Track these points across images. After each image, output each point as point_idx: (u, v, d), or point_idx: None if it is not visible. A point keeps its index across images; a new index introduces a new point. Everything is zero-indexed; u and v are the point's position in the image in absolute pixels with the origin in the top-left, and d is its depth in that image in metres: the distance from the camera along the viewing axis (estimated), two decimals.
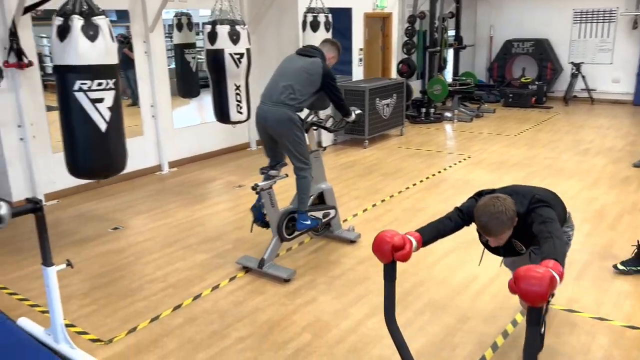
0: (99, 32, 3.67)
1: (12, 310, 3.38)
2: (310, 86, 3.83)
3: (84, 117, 3.80)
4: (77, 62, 3.67)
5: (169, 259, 4.18)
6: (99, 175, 4.20)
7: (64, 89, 3.78)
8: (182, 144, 6.87)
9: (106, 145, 3.95)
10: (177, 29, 7.74)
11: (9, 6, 4.88)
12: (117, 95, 3.93)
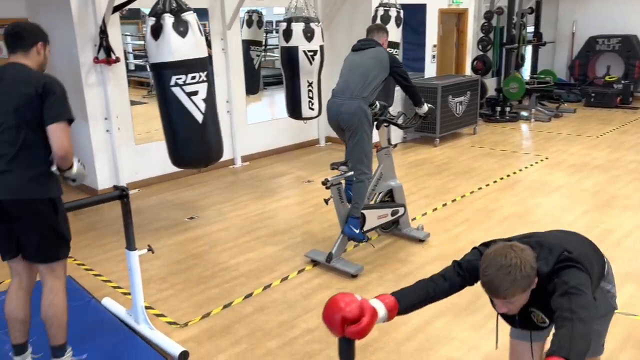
0: (188, 28, 3.85)
1: (97, 290, 3.62)
2: (380, 77, 3.87)
3: (181, 111, 4.00)
4: (171, 58, 3.88)
5: (241, 249, 4.31)
6: (200, 164, 4.42)
7: (162, 86, 4.00)
8: (255, 139, 7.04)
9: (204, 135, 4.16)
10: (247, 25, 7.94)
11: (100, 5, 5.20)
12: (210, 87, 4.11)
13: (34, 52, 2.44)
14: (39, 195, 2.36)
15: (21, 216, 2.36)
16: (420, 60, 8.22)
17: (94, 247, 4.40)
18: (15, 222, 2.37)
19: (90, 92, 5.41)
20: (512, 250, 1.74)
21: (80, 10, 5.18)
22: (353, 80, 3.85)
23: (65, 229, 2.53)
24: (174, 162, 4.35)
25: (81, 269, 3.98)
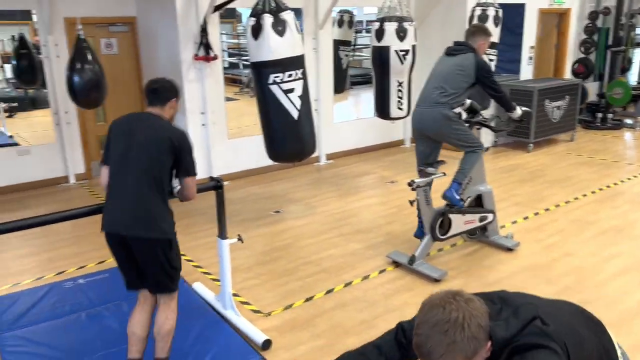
0: (286, 27, 3.97)
1: (188, 275, 3.82)
2: (463, 81, 3.79)
3: (278, 107, 4.15)
4: (269, 57, 4.02)
5: (324, 245, 4.37)
6: (295, 158, 4.57)
7: (260, 83, 4.15)
8: (340, 137, 7.10)
9: (298, 131, 4.29)
10: (338, 26, 8.01)
11: (202, 5, 5.48)
12: (305, 84, 4.22)
13: (168, 107, 2.70)
14: (160, 236, 2.51)
15: (143, 252, 2.52)
16: (515, 62, 7.89)
17: (187, 233, 4.64)
18: (138, 257, 2.55)
19: (189, 87, 5.71)
20: (453, 300, 1.29)
21: (184, 9, 5.48)
22: (432, 88, 3.88)
23: (178, 263, 2.69)
24: (271, 156, 4.50)
25: None
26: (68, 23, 5.77)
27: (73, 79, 5.06)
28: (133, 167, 2.50)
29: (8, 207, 5.41)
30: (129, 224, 2.46)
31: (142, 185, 2.48)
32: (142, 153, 2.51)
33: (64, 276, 3.85)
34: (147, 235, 2.47)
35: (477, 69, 3.77)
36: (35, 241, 4.49)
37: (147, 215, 2.48)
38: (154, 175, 2.50)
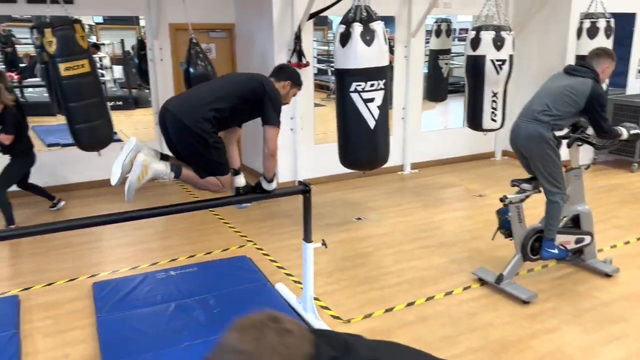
0: (374, 37, 3.98)
1: (271, 275, 3.91)
2: (570, 106, 3.48)
3: (356, 115, 4.19)
4: (354, 65, 4.06)
5: (406, 255, 4.30)
6: (365, 167, 4.60)
7: (342, 90, 4.21)
8: (426, 146, 6.98)
9: (374, 141, 4.30)
10: (436, 35, 7.90)
11: (297, 13, 5.61)
12: (385, 95, 4.22)
13: (281, 84, 3.04)
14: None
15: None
16: (621, 75, 7.35)
17: (272, 234, 4.76)
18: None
19: None
20: (264, 327, 0.97)
21: (280, 16, 5.64)
22: (538, 103, 3.58)
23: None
24: (343, 161, 4.55)
25: (260, 253, 4.34)
26: (172, 28, 6.13)
27: (190, 76, 5.34)
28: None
29: (109, 198, 5.82)
30: None
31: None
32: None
33: (157, 267, 4.07)
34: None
35: (590, 98, 3.43)
36: (133, 232, 4.80)
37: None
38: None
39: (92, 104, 4.67)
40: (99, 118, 4.76)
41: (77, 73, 4.51)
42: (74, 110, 4.62)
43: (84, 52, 4.56)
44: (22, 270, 4.14)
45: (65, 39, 4.42)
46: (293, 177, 6.08)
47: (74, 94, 4.57)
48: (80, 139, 4.75)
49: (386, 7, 6.11)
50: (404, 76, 6.53)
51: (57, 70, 4.46)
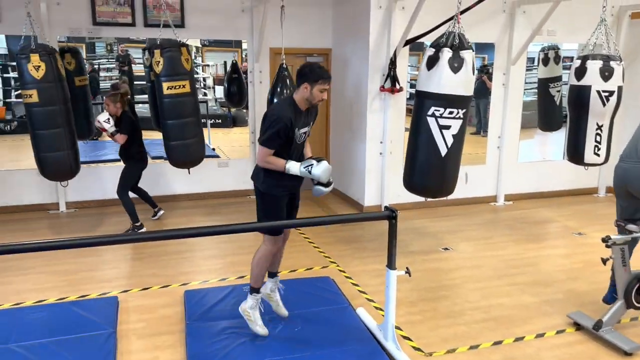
0: (463, 65, 3.90)
1: (353, 298, 3.90)
2: None
3: (429, 140, 4.10)
4: (436, 90, 3.99)
5: (494, 291, 4.12)
6: (429, 194, 4.48)
7: (419, 112, 4.16)
8: (522, 178, 6.68)
9: (442, 169, 4.19)
10: (543, 64, 7.58)
11: (394, 39, 5.65)
12: (463, 125, 4.11)
13: (301, 89, 3.14)
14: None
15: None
16: None
17: (354, 258, 4.76)
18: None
19: (372, 117, 5.90)
20: None
21: (377, 42, 5.71)
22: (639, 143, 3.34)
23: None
24: (406, 184, 4.46)
25: (342, 275, 4.35)
26: (273, 52, 6.40)
27: (273, 101, 5.57)
28: None
29: (204, 211, 6.14)
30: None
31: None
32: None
33: (244, 280, 4.20)
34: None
35: None
36: (223, 245, 5.01)
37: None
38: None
39: (188, 122, 4.97)
40: (193, 137, 5.04)
41: (178, 92, 4.84)
42: (170, 127, 4.94)
43: (187, 73, 4.88)
44: (122, 273, 4.46)
45: (171, 60, 4.78)
46: (379, 201, 6.06)
47: (172, 112, 4.90)
48: (173, 155, 5.06)
49: (486, 33, 6.00)
50: (502, 104, 6.33)
51: (161, 88, 4.82)
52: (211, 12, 6.12)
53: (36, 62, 4.44)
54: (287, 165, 3.10)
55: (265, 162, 3.13)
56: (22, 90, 4.67)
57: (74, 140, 4.88)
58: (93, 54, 12.97)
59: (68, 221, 5.74)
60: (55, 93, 4.64)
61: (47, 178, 4.93)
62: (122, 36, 6.46)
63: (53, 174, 4.87)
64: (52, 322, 3.45)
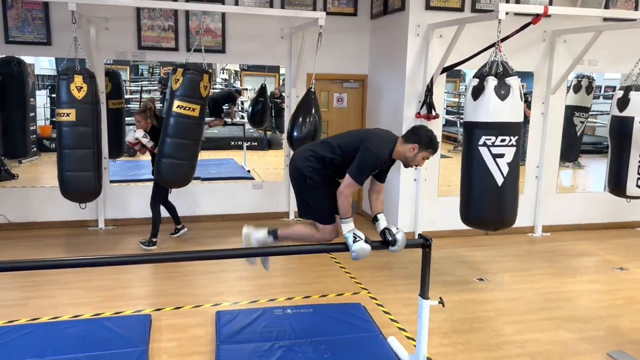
0: (509, 92, 3.88)
1: (384, 327, 3.85)
2: None
3: (483, 170, 4.04)
4: (485, 119, 3.96)
5: (530, 325, 3.99)
6: (489, 226, 4.35)
7: (469, 143, 4.12)
8: (561, 209, 6.51)
9: (500, 199, 4.11)
10: (574, 91, 7.48)
11: (431, 66, 5.66)
12: (517, 152, 4.05)
13: (408, 147, 3.19)
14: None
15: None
16: None
17: (386, 285, 4.70)
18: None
19: None
20: None
21: (414, 69, 5.73)
22: None
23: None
24: (463, 218, 4.36)
25: (373, 303, 4.31)
26: (309, 78, 6.50)
27: (294, 126, 5.60)
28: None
29: (236, 232, 6.18)
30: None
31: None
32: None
33: (275, 303, 4.22)
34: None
35: None
36: (254, 266, 5.02)
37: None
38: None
39: (185, 144, 5.07)
40: (187, 159, 5.13)
41: (187, 114, 4.97)
42: (168, 145, 5.04)
43: (201, 99, 5.02)
44: (156, 291, 4.53)
45: (190, 82, 4.94)
46: (412, 228, 6.00)
47: (174, 130, 5.00)
48: (162, 172, 5.14)
49: (524, 62, 5.95)
50: (540, 133, 6.24)
51: (172, 105, 4.97)
52: (251, 38, 6.29)
53: (79, 83, 4.62)
54: (348, 220, 3.11)
55: (345, 197, 3.13)
56: (59, 109, 4.84)
57: (100, 162, 5.02)
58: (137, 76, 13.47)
59: (106, 238, 5.89)
60: (90, 115, 4.82)
61: (67, 197, 4.98)
62: (165, 60, 6.70)
63: (76, 193, 4.94)
64: (87, 337, 3.52)
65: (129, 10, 5.91)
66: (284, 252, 3.58)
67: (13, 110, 6.11)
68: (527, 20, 4.42)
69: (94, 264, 3.36)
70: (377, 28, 6.51)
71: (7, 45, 5.72)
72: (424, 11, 5.64)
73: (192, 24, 6.11)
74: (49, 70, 10.54)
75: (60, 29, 5.71)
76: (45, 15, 5.73)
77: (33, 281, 4.51)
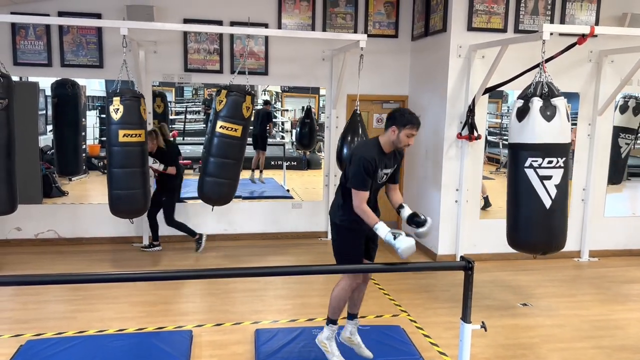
0: (556, 113, 3.81)
1: (424, 350, 3.79)
2: None
3: (530, 193, 3.96)
4: (531, 140, 3.90)
5: (577, 354, 3.85)
6: (537, 250, 4.23)
7: (515, 165, 4.05)
8: (609, 233, 6.28)
9: (548, 222, 4.01)
10: (620, 111, 7.27)
11: (472, 87, 5.62)
12: (565, 174, 3.96)
13: (389, 132, 3.23)
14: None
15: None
16: None
17: (426, 308, 4.63)
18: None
19: (448, 164, 5.84)
20: None
21: (455, 90, 5.71)
22: None
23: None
24: (511, 242, 4.26)
25: (413, 326, 4.25)
26: (349, 99, 6.57)
27: (343, 146, 5.67)
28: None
29: (276, 250, 6.26)
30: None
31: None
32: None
33: (313, 323, 4.21)
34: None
35: None
36: (293, 285, 5.06)
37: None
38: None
39: (228, 164, 5.18)
40: (229, 178, 5.24)
41: (229, 134, 5.09)
42: (211, 164, 5.17)
43: (243, 119, 5.13)
44: (197, 308, 4.60)
45: (233, 104, 5.06)
46: (453, 250, 5.91)
47: (218, 150, 5.13)
48: (205, 190, 5.26)
49: (570, 83, 5.84)
50: (587, 155, 6.07)
51: (215, 125, 5.09)
52: (293, 60, 6.41)
53: (116, 105, 4.77)
54: (378, 225, 3.11)
55: (359, 209, 3.15)
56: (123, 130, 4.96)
57: (147, 180, 5.12)
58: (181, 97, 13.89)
59: (150, 254, 6.04)
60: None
61: (116, 214, 5.09)
62: (210, 82, 6.90)
63: (124, 210, 5.05)
64: (131, 351, 3.61)
65: (177, 34, 6.15)
66: (324, 271, 3.58)
67: (67, 130, 6.42)
68: (572, 40, 4.35)
69: (137, 279, 3.46)
70: (418, 49, 6.53)
71: (62, 68, 6.03)
72: (466, 32, 5.63)
73: (237, 47, 6.28)
74: (99, 91, 10.99)
75: (111, 52, 5.99)
76: (98, 39, 6.02)
77: (81, 295, 4.67)
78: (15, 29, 5.88)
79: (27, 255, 5.84)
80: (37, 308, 4.44)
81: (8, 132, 4.56)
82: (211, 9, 6.15)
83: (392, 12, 6.55)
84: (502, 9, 5.64)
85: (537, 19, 5.74)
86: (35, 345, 3.65)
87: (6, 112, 4.52)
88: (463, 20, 5.61)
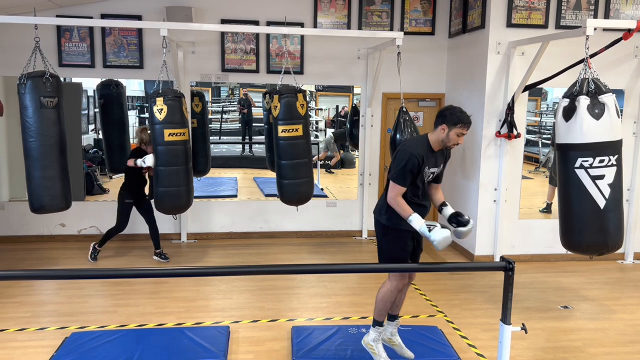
0: (604, 110, 3.70)
1: (461, 351, 3.73)
2: None
3: (582, 194, 3.85)
4: (580, 140, 3.78)
5: (621, 359, 3.72)
6: (593, 251, 4.10)
7: (565, 166, 3.94)
8: None
9: (603, 222, 3.89)
10: None
11: (512, 84, 5.51)
12: (619, 171, 3.84)
13: (438, 130, 3.21)
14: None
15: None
16: None
17: (463, 309, 4.57)
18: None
19: (486, 163, 5.74)
20: None
21: (494, 87, 5.60)
22: None
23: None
24: (565, 244, 4.14)
25: (450, 326, 4.19)
26: (385, 97, 6.53)
27: (395, 142, 5.59)
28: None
29: (310, 249, 6.29)
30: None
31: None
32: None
33: (349, 322, 4.21)
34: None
35: None
36: (328, 284, 5.06)
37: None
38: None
39: (299, 163, 5.20)
40: (304, 177, 5.25)
41: (292, 135, 5.11)
42: (284, 167, 5.19)
43: (301, 118, 5.14)
44: (234, 304, 4.66)
45: (287, 105, 5.07)
46: (491, 251, 5.80)
47: (286, 153, 5.16)
48: (284, 193, 5.28)
49: (614, 79, 5.63)
50: (632, 154, 5.86)
51: (277, 130, 5.12)
52: (328, 59, 6.42)
53: (160, 105, 4.87)
54: (412, 216, 3.08)
55: (394, 201, 3.16)
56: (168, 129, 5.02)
57: (190, 178, 5.19)
58: (218, 97, 14.09)
59: (188, 251, 6.16)
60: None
61: (162, 210, 5.20)
62: (246, 82, 6.97)
63: (169, 207, 5.15)
64: (170, 345, 3.69)
65: (214, 34, 6.24)
66: (365, 270, 3.56)
67: (113, 129, 6.60)
68: (616, 35, 4.21)
69: (175, 274, 3.53)
70: (455, 46, 6.44)
71: (104, 69, 6.21)
72: (505, 29, 5.52)
73: (272, 46, 6.33)
74: (138, 91, 11.26)
75: (151, 53, 6.13)
76: (138, 40, 6.17)
77: (122, 290, 4.79)
78: (61, 32, 6.08)
79: (70, 250, 6.04)
80: (80, 302, 4.59)
81: (60, 129, 4.71)
82: (248, 9, 6.22)
83: (428, 10, 6.48)
84: (543, 5, 5.51)
85: (580, 14, 5.58)
86: (79, 337, 3.78)
87: (57, 110, 4.67)
88: (502, 17, 5.50)
